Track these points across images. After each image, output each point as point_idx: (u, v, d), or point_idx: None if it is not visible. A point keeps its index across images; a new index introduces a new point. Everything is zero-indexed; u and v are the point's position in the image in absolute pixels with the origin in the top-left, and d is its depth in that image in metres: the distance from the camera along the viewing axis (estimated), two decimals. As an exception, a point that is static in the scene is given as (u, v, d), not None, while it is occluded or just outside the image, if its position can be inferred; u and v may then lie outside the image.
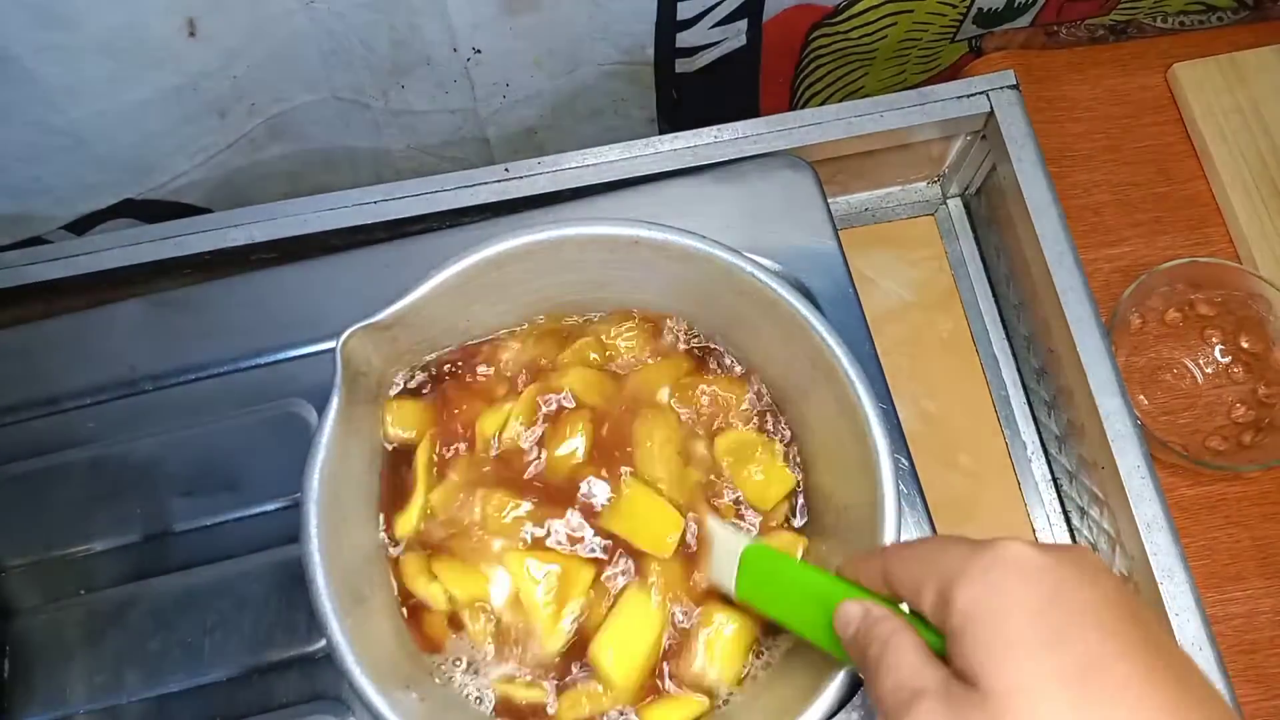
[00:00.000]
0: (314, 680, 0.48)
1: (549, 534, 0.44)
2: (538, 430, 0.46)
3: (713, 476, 0.46)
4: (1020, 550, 0.28)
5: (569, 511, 0.44)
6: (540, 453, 0.45)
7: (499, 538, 0.43)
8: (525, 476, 0.45)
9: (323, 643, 0.46)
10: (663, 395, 0.47)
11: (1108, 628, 0.26)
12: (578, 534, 0.44)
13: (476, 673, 0.44)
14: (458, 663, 0.44)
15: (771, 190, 0.56)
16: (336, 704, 0.47)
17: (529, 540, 0.43)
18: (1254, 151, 0.62)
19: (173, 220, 0.57)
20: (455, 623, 0.44)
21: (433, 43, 0.56)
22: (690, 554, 0.44)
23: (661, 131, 0.65)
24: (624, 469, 0.44)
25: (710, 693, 0.43)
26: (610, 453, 0.45)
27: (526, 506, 0.44)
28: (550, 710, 0.43)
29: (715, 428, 0.47)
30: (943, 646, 0.29)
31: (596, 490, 0.44)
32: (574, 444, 0.45)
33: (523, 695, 0.43)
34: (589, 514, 0.44)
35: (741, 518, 0.46)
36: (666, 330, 0.49)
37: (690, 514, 0.44)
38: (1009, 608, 0.27)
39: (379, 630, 0.42)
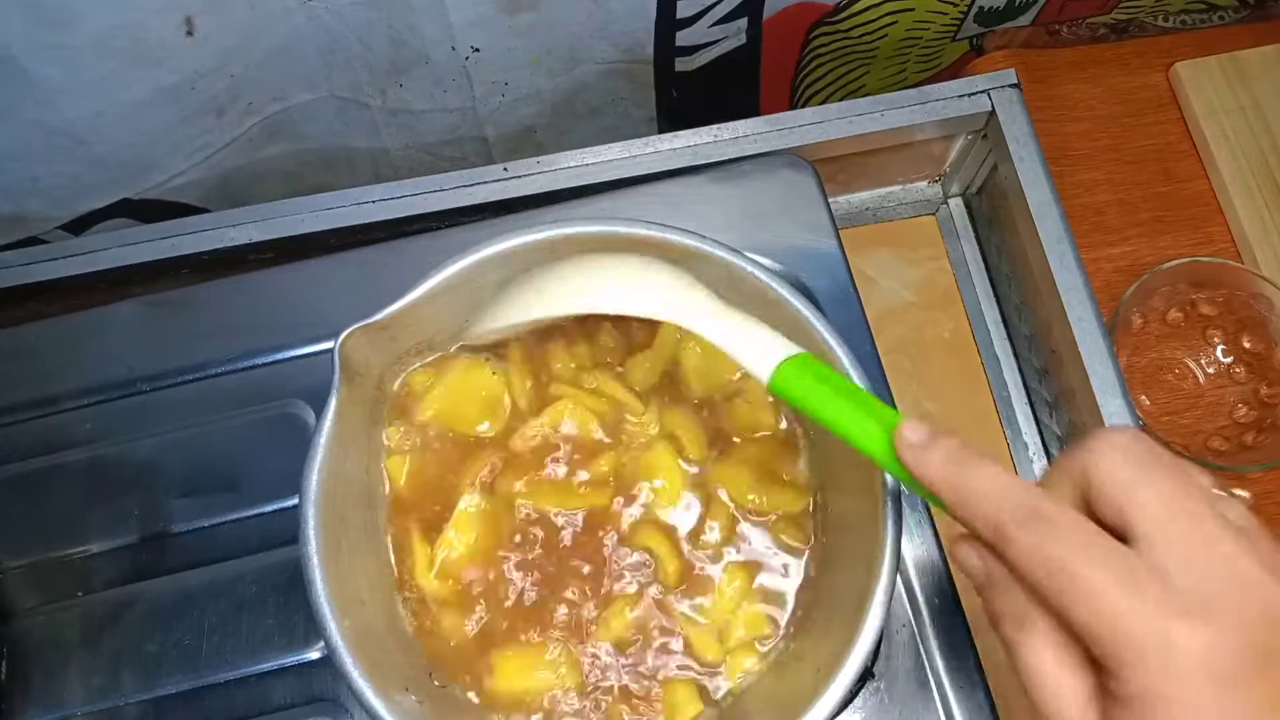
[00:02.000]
0: (312, 683, 0.48)
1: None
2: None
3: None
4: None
5: None
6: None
7: None
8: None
9: (321, 645, 0.46)
10: None
11: None
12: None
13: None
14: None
15: (772, 190, 0.56)
16: (335, 706, 0.47)
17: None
18: (1256, 151, 0.62)
19: (170, 220, 0.57)
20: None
21: (431, 41, 0.56)
22: None
23: (661, 131, 0.65)
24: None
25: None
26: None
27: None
28: None
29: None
30: None
31: None
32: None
33: None
34: None
35: None
36: None
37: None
38: None
39: (377, 632, 0.42)
